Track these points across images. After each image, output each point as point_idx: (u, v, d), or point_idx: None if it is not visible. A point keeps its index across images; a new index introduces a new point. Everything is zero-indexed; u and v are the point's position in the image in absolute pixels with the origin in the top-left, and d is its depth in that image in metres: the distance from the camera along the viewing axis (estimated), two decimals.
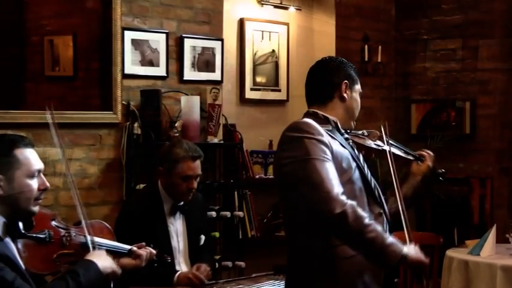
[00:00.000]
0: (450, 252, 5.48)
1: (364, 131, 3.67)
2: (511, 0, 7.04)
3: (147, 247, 3.68)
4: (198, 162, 4.56)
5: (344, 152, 3.37)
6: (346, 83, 3.49)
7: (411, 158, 3.72)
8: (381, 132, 3.62)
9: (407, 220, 3.35)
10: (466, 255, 5.34)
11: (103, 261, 3.13)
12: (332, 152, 3.29)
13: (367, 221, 3.16)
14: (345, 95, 3.49)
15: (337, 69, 3.54)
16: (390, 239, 3.18)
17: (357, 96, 3.54)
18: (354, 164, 3.39)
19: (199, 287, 4.30)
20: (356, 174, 3.38)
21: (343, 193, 3.17)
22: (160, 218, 4.49)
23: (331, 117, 3.47)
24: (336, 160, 3.29)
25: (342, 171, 3.29)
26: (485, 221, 6.69)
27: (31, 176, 3.06)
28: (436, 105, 7.42)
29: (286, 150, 3.34)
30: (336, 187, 3.17)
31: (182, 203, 4.55)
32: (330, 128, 3.42)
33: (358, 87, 3.56)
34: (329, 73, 3.54)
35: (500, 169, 7.02)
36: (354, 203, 3.17)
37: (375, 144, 3.61)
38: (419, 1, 7.50)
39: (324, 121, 3.44)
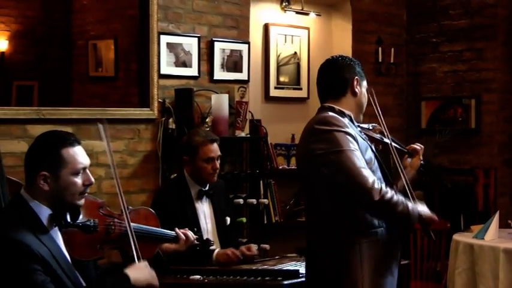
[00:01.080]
0: (457, 236, 5.47)
1: (370, 125, 3.69)
2: None
3: (188, 232, 3.68)
4: (216, 145, 4.60)
5: (365, 144, 3.41)
6: (357, 79, 3.51)
7: (406, 150, 3.73)
8: (381, 126, 3.63)
9: (412, 191, 3.46)
10: (471, 239, 5.32)
11: (138, 276, 3.06)
12: (358, 143, 3.32)
13: (395, 198, 3.26)
14: (356, 90, 3.50)
15: (348, 67, 3.55)
16: (410, 205, 3.31)
17: (365, 91, 3.56)
18: (373, 155, 3.43)
19: (236, 264, 4.30)
20: (376, 164, 3.43)
21: (376, 179, 3.25)
22: (188, 203, 4.52)
23: (346, 111, 3.47)
24: (362, 150, 3.34)
25: (366, 162, 3.33)
26: (489, 208, 6.67)
27: (76, 173, 3.03)
28: (444, 102, 7.40)
29: (316, 142, 3.36)
30: (371, 176, 3.24)
31: (207, 187, 4.58)
32: (347, 121, 3.42)
33: (365, 83, 3.59)
34: (341, 70, 3.54)
35: (503, 161, 7.00)
36: (383, 186, 3.25)
37: (379, 137, 3.63)
38: (428, 7, 7.47)
39: (340, 115, 3.44)
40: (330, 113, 3.40)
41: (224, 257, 4.36)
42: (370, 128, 3.66)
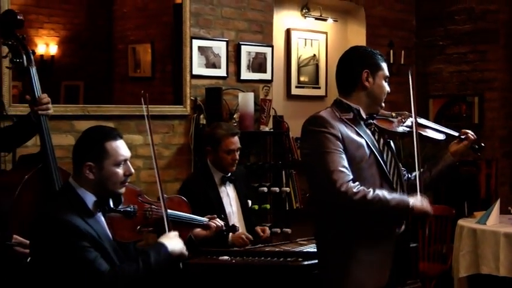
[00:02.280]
0: (461, 222, 5.45)
1: (393, 113, 3.47)
2: None
3: (217, 219, 3.68)
4: (236, 138, 4.61)
5: (358, 141, 3.20)
6: (367, 71, 3.28)
7: (442, 138, 3.48)
8: (411, 112, 3.40)
9: (421, 180, 3.26)
10: (474, 224, 5.30)
11: (173, 245, 3.08)
12: (344, 142, 3.15)
13: (369, 196, 3.06)
14: (366, 83, 3.28)
15: (358, 60, 3.35)
16: (394, 200, 3.09)
17: (380, 81, 3.31)
18: (368, 151, 3.20)
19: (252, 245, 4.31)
20: (370, 161, 3.21)
21: (347, 181, 3.07)
22: (212, 188, 4.55)
23: (354, 106, 3.29)
24: (349, 148, 3.16)
25: (353, 158, 3.16)
26: (491, 196, 6.63)
27: (118, 164, 3.06)
28: (449, 99, 7.37)
29: (303, 141, 3.30)
30: (340, 178, 3.06)
31: (229, 174, 4.59)
32: (351, 116, 3.26)
33: (382, 73, 3.32)
34: (350, 64, 3.36)
35: (504, 153, 6.97)
36: (354, 187, 3.07)
37: (402, 126, 3.40)
38: (436, 13, 7.44)
39: (346, 109, 3.29)
40: (323, 112, 3.27)
41: (239, 241, 4.38)
42: (392, 116, 3.45)
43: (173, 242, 3.09)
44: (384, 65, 3.35)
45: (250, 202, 4.76)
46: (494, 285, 5.24)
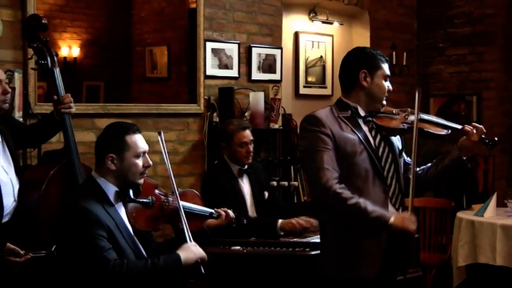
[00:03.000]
0: (460, 214, 5.43)
1: (394, 110, 3.38)
2: (509, 16, 6.93)
3: (227, 210, 3.68)
4: (248, 131, 4.59)
5: (351, 137, 3.18)
6: (364, 71, 3.24)
7: (445, 132, 3.33)
8: (414, 109, 3.30)
9: (413, 191, 3.15)
10: (472, 216, 5.28)
11: (187, 254, 3.05)
12: (335, 140, 3.14)
13: (350, 201, 3.04)
14: (364, 83, 3.24)
15: (356, 60, 3.30)
16: (375, 213, 3.04)
17: (379, 81, 3.26)
18: (360, 148, 3.17)
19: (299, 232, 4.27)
20: (362, 157, 3.17)
21: (333, 179, 3.07)
22: (234, 180, 4.52)
23: (352, 104, 3.26)
24: (340, 145, 3.14)
25: (345, 154, 3.15)
26: (488, 189, 6.61)
27: (137, 156, 3.10)
28: (449, 99, 7.34)
29: (300, 138, 3.30)
30: (327, 174, 3.07)
31: (246, 167, 4.58)
32: (348, 114, 3.24)
33: (380, 72, 3.27)
34: (349, 64, 3.33)
35: (501, 149, 6.93)
36: (338, 188, 3.05)
37: (403, 123, 3.31)
38: (436, 17, 7.41)
39: (344, 107, 3.27)
40: (319, 111, 3.26)
41: (289, 225, 4.31)
42: (395, 113, 3.36)
43: (189, 252, 3.07)
44: (384, 65, 3.31)
45: (267, 194, 4.74)
46: (491, 274, 5.22)
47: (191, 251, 3.08)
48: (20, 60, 4.64)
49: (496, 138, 3.30)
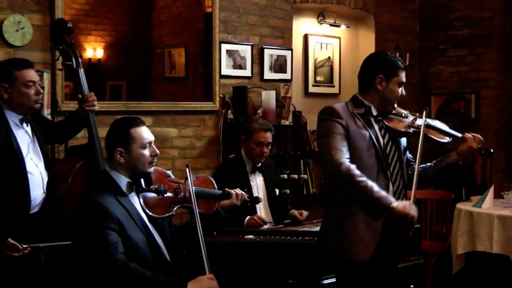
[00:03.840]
0: (459, 205, 5.41)
1: (404, 113, 3.40)
2: (506, 19, 6.89)
3: (238, 190, 3.67)
4: (269, 134, 4.56)
5: (363, 132, 3.23)
6: (380, 77, 3.28)
7: (448, 140, 3.39)
8: (422, 114, 3.35)
9: (417, 183, 3.17)
10: (471, 207, 5.25)
11: (194, 286, 2.91)
12: (348, 132, 3.19)
13: (358, 178, 3.07)
14: (379, 87, 3.29)
15: (375, 65, 3.34)
16: (379, 194, 3.05)
17: (394, 86, 3.29)
18: (369, 144, 3.22)
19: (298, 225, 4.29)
20: (370, 152, 3.22)
21: (345, 158, 3.11)
22: (244, 176, 4.52)
23: (366, 103, 3.31)
24: (352, 138, 3.19)
25: (355, 148, 3.20)
26: (486, 182, 6.57)
27: (144, 147, 3.08)
28: (449, 97, 7.30)
29: (318, 127, 3.33)
30: (337, 153, 3.12)
31: (260, 164, 4.57)
32: (362, 111, 3.29)
33: (396, 78, 3.29)
34: (368, 68, 3.37)
35: (498, 144, 6.91)
36: (350, 165, 3.09)
37: (411, 127, 3.33)
38: (437, 20, 7.38)
39: (359, 105, 3.32)
40: (336, 104, 3.33)
41: (252, 222, 4.35)
42: (405, 115, 3.39)
43: (197, 285, 2.92)
44: (401, 73, 3.33)
45: (277, 191, 4.72)
46: (488, 261, 5.21)
47: (202, 286, 2.92)
48: (49, 61, 4.65)
49: (491, 150, 3.40)
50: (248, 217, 4.36)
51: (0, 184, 3.41)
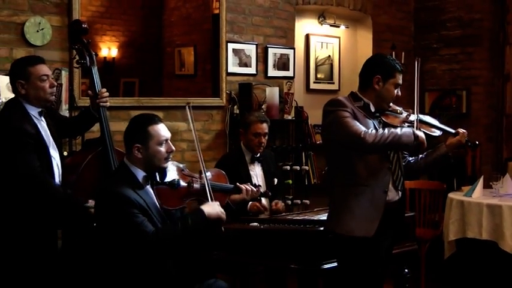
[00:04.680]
0: (451, 195, 5.40)
1: (398, 110, 3.50)
2: (494, 20, 6.87)
3: (249, 185, 3.65)
4: (265, 125, 4.57)
5: (367, 121, 3.32)
6: (378, 77, 3.34)
7: (438, 134, 3.50)
8: (414, 111, 3.47)
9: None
10: (462, 196, 5.25)
11: (210, 210, 3.05)
12: (355, 117, 3.26)
13: (380, 132, 3.18)
14: (376, 86, 3.35)
15: (374, 66, 3.40)
16: (401, 131, 3.21)
17: (390, 87, 3.37)
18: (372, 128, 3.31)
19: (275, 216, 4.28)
20: None
21: (362, 128, 3.19)
22: (243, 166, 4.52)
23: (364, 99, 3.37)
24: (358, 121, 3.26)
25: None
26: (476, 173, 6.55)
27: (160, 144, 3.07)
28: (442, 93, 7.28)
29: (325, 118, 3.36)
30: (359, 128, 3.19)
31: (258, 155, 4.56)
32: (361, 105, 3.36)
33: (393, 80, 3.37)
34: (367, 68, 3.42)
35: (487, 137, 6.90)
36: (367, 130, 3.18)
37: (405, 122, 3.43)
38: (431, 21, 7.35)
39: (358, 100, 3.38)
40: (340, 97, 3.39)
41: (255, 208, 4.35)
42: (400, 112, 3.49)
43: (210, 207, 3.07)
44: (398, 75, 3.39)
45: (276, 180, 4.71)
46: (477, 247, 5.21)
47: (214, 207, 3.08)
48: (67, 60, 4.66)
49: (476, 142, 3.59)
50: (251, 202, 4.35)
51: None
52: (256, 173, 4.58)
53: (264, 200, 4.50)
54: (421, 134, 3.24)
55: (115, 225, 2.92)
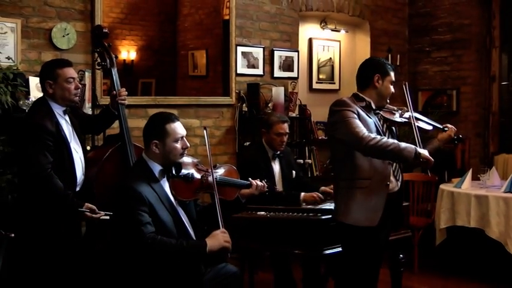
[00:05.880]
0: (442, 186, 5.39)
1: (395, 108, 3.55)
2: (482, 25, 6.80)
3: (258, 181, 3.63)
4: (286, 125, 4.53)
5: (369, 120, 3.32)
6: (378, 75, 3.39)
7: (430, 128, 3.56)
8: (409, 109, 3.50)
9: (420, 143, 3.31)
10: (452, 187, 5.24)
11: (213, 243, 2.93)
12: (359, 117, 3.26)
13: (384, 140, 3.16)
14: (376, 84, 3.39)
15: (372, 66, 3.43)
16: (404, 144, 3.16)
17: (387, 84, 3.42)
18: (374, 129, 3.32)
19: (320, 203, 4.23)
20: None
21: (366, 131, 3.18)
22: (266, 162, 4.48)
23: (366, 98, 3.40)
24: (362, 123, 3.25)
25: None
26: (465, 166, 6.51)
27: (176, 141, 3.06)
28: (434, 92, 7.23)
29: (331, 117, 3.36)
30: (362, 130, 3.18)
31: (278, 152, 4.53)
32: (364, 105, 3.37)
33: (389, 78, 3.42)
34: (366, 69, 3.45)
35: (475, 133, 6.86)
36: (371, 135, 3.17)
37: (401, 118, 3.48)
38: (423, 26, 7.30)
39: (360, 100, 3.39)
40: (344, 98, 3.38)
41: (311, 198, 4.31)
42: (395, 109, 3.52)
43: (215, 240, 2.95)
44: (392, 73, 3.46)
45: (294, 173, 4.68)
46: (466, 234, 5.20)
47: (217, 239, 2.95)
48: (89, 62, 4.67)
49: (460, 136, 3.64)
50: (304, 194, 4.31)
51: (53, 166, 3.41)
52: (275, 168, 4.55)
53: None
54: (424, 152, 3.18)
55: (122, 218, 2.91)
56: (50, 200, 3.38)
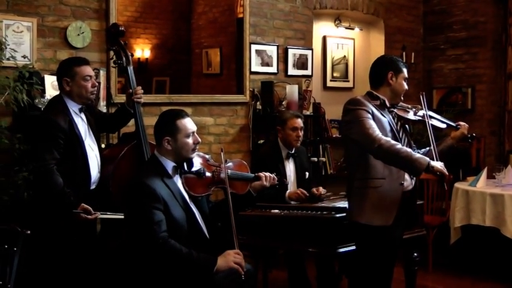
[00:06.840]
0: (457, 184, 5.35)
1: (409, 106, 3.53)
2: (497, 23, 6.76)
3: (267, 173, 3.61)
4: (299, 120, 4.51)
5: (383, 119, 3.31)
6: (391, 73, 3.38)
7: (444, 126, 3.53)
8: (423, 107, 3.47)
9: (437, 155, 3.24)
10: (467, 186, 5.20)
11: (222, 263, 2.91)
12: (373, 116, 3.25)
13: (398, 146, 3.14)
14: (390, 81, 3.38)
15: (386, 64, 3.43)
16: (417, 155, 3.13)
17: (401, 81, 3.41)
18: (388, 128, 3.31)
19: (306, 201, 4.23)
20: (389, 135, 3.28)
21: (380, 134, 3.17)
22: (280, 161, 4.47)
23: (380, 96, 3.39)
24: (376, 122, 3.24)
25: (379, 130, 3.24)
26: (480, 165, 6.48)
27: (188, 136, 3.07)
28: (449, 90, 7.19)
29: (345, 115, 3.35)
30: (375, 132, 3.17)
31: (293, 151, 4.51)
32: (378, 103, 3.36)
33: (403, 75, 3.41)
34: (380, 66, 3.44)
35: (490, 131, 6.83)
36: (385, 138, 3.16)
37: (415, 116, 3.47)
38: (438, 24, 7.27)
39: (375, 98, 3.38)
40: (358, 97, 3.37)
41: (295, 195, 4.31)
42: (409, 107, 3.50)
43: (224, 261, 2.92)
44: (405, 69, 3.45)
45: (307, 174, 4.66)
46: (481, 233, 5.16)
47: (227, 260, 2.93)
48: (104, 60, 4.69)
49: (473, 134, 3.59)
50: (289, 190, 4.32)
51: (66, 163, 3.42)
52: (290, 168, 4.54)
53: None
54: (438, 165, 3.11)
55: (135, 215, 2.91)
56: (46, 196, 3.38)
